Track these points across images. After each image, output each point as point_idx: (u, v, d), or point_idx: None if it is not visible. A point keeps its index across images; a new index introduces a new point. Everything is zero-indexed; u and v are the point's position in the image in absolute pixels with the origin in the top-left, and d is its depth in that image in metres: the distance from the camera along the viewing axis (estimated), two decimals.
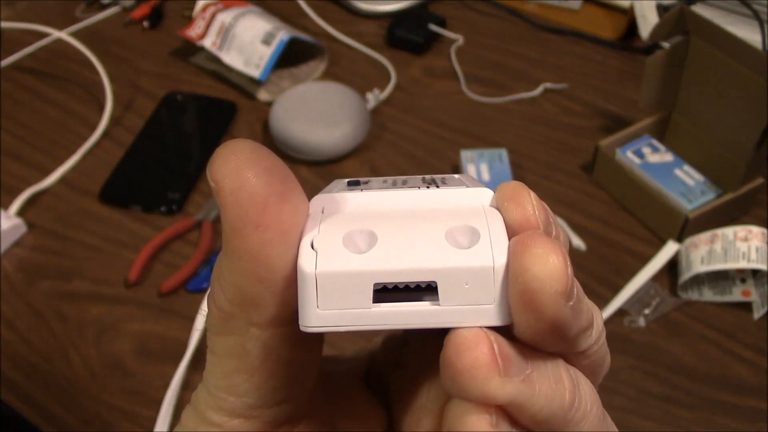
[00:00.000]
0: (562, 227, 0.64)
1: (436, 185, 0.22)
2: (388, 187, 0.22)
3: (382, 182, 0.23)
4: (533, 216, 0.20)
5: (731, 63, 0.65)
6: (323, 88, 0.80)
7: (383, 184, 0.23)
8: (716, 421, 0.57)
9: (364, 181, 0.23)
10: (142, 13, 0.95)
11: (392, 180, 0.24)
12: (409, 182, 0.23)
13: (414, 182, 0.23)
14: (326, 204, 0.22)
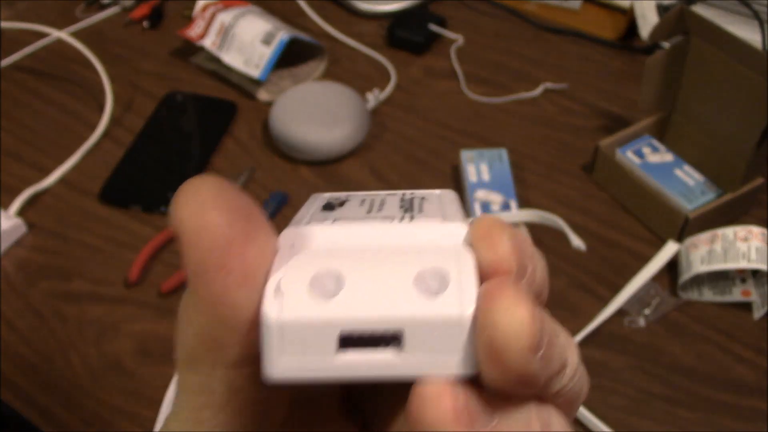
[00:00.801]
0: (562, 227, 0.64)
1: (412, 211, 0.22)
2: (363, 215, 0.22)
3: (359, 204, 0.23)
4: (506, 259, 0.19)
5: (731, 63, 0.65)
6: (323, 88, 0.80)
7: (360, 208, 0.22)
8: (716, 421, 0.57)
9: (340, 203, 0.23)
10: (142, 13, 0.95)
11: (370, 201, 0.23)
12: (387, 204, 0.22)
13: (392, 204, 0.22)
14: (296, 239, 0.21)
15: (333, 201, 0.23)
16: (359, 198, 0.23)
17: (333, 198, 0.23)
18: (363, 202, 0.23)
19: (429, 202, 0.23)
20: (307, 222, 0.21)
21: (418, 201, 0.23)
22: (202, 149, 0.79)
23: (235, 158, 0.78)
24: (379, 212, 0.22)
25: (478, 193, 0.69)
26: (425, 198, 0.23)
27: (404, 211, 0.22)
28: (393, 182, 0.75)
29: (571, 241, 0.63)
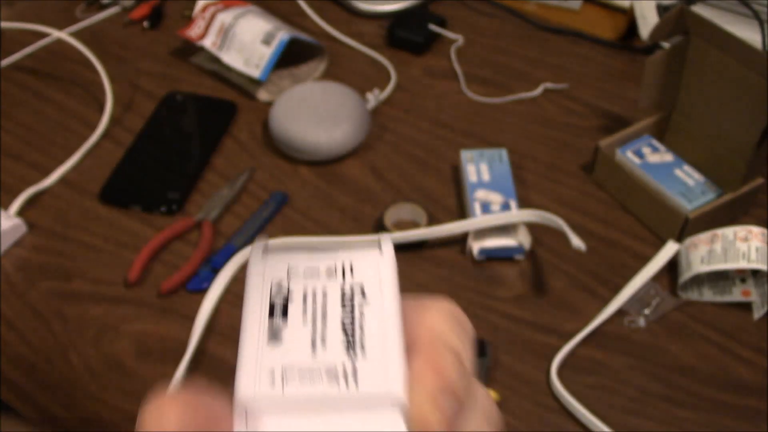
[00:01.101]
0: (562, 227, 0.64)
1: (354, 347, 0.21)
2: (309, 355, 0.21)
3: (302, 319, 0.22)
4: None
5: (731, 63, 0.65)
6: (323, 88, 0.80)
7: (303, 331, 0.22)
8: (716, 421, 0.57)
9: (283, 308, 0.22)
10: (142, 13, 0.95)
11: (312, 312, 0.22)
12: (329, 325, 0.22)
13: (334, 328, 0.22)
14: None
15: (276, 301, 0.22)
16: (301, 302, 0.23)
17: (276, 293, 0.23)
18: (305, 313, 0.22)
19: (370, 308, 0.22)
20: (257, 353, 0.21)
21: (358, 315, 0.22)
22: (202, 149, 0.79)
23: (235, 158, 0.78)
24: (323, 348, 0.21)
25: (478, 193, 0.69)
26: (366, 300, 0.22)
27: (347, 348, 0.21)
28: (393, 182, 0.75)
29: (571, 241, 0.63)
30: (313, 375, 0.20)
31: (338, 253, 0.24)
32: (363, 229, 0.71)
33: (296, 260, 0.23)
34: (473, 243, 0.68)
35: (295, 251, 0.24)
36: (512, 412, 0.58)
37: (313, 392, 0.20)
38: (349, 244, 0.24)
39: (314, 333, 0.21)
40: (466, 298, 0.65)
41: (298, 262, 0.23)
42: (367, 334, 0.21)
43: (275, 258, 0.24)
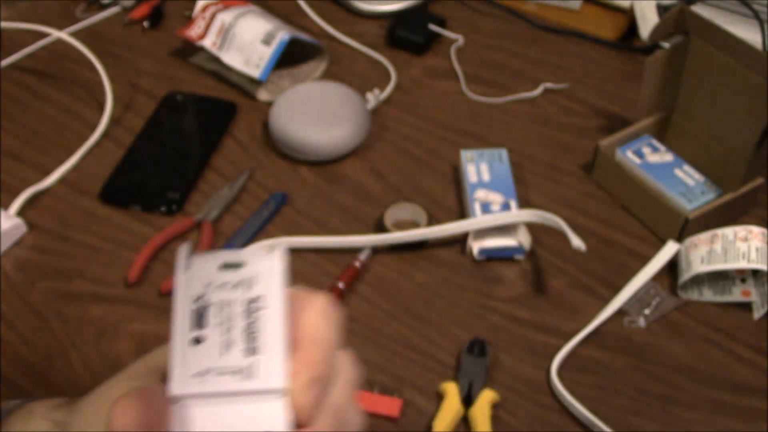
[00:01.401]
0: (562, 227, 0.64)
1: (251, 335, 0.28)
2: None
3: (215, 324, 0.28)
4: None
5: (731, 63, 0.65)
6: (323, 88, 0.80)
7: (216, 330, 0.28)
8: (716, 421, 0.57)
9: (201, 322, 0.29)
10: (142, 13, 0.95)
11: (222, 324, 0.28)
12: (234, 324, 0.29)
13: (238, 323, 0.28)
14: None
15: (197, 312, 0.29)
16: (215, 312, 0.29)
17: (197, 305, 0.29)
18: (218, 321, 0.28)
19: (264, 316, 0.28)
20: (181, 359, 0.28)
21: (255, 322, 0.28)
22: (202, 149, 0.79)
23: (235, 158, 0.78)
24: (230, 351, 0.28)
25: (478, 193, 0.69)
26: (261, 309, 0.29)
27: (246, 351, 0.28)
28: (393, 182, 0.75)
29: (571, 241, 0.63)
30: (223, 374, 0.27)
31: (246, 267, 0.30)
32: (363, 229, 0.71)
33: (213, 275, 0.29)
34: (473, 243, 0.68)
35: (212, 263, 0.30)
36: (512, 412, 0.58)
37: (223, 388, 0.27)
38: (254, 256, 0.30)
39: (224, 338, 0.28)
40: (466, 298, 0.65)
41: (215, 276, 0.29)
42: (260, 339, 0.28)
43: (197, 271, 0.30)
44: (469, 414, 0.57)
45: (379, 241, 0.68)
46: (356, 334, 0.63)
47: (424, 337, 0.63)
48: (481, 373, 0.59)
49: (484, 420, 0.56)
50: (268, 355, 0.28)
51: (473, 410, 0.56)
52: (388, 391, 0.58)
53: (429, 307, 0.65)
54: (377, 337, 0.62)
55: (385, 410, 0.57)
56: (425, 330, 0.63)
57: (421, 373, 0.60)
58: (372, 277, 0.67)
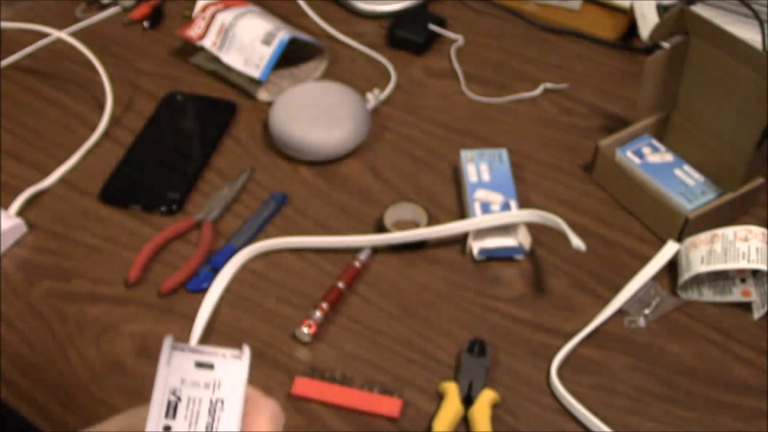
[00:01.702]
0: (563, 227, 0.64)
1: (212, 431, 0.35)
2: None
3: (184, 417, 0.35)
4: None
5: (731, 63, 0.65)
6: (323, 88, 0.80)
7: (184, 421, 0.35)
8: (716, 421, 0.57)
9: (173, 412, 0.35)
10: (142, 13, 0.95)
11: (189, 417, 0.35)
12: (200, 419, 0.35)
13: (202, 419, 0.35)
14: None
15: (171, 403, 0.35)
16: (185, 406, 0.35)
17: (172, 397, 0.35)
18: (186, 414, 0.35)
19: (225, 416, 0.35)
20: None
21: (216, 420, 0.35)
22: (202, 149, 0.79)
23: (235, 158, 0.78)
24: None
25: (478, 193, 0.69)
26: (223, 410, 0.35)
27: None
28: (393, 182, 0.75)
29: (571, 241, 0.63)
30: None
31: (216, 370, 0.36)
32: (363, 229, 0.71)
33: (189, 372, 0.36)
34: (473, 243, 0.68)
35: (190, 360, 0.36)
36: (512, 412, 0.58)
37: None
38: (225, 362, 0.37)
39: (189, 429, 0.35)
40: (466, 298, 0.65)
41: (190, 374, 0.36)
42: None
43: (177, 365, 0.36)
44: (469, 414, 0.57)
45: (379, 241, 0.68)
46: (356, 334, 0.63)
47: (424, 337, 0.63)
48: (481, 373, 0.59)
49: (484, 420, 0.56)
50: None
51: (473, 410, 0.56)
52: (388, 391, 0.58)
53: (429, 307, 0.65)
54: (377, 337, 0.62)
55: (385, 410, 0.57)
56: (425, 330, 0.63)
57: (421, 373, 0.60)
58: (372, 277, 0.67)
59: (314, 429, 0.56)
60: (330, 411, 0.58)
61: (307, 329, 0.61)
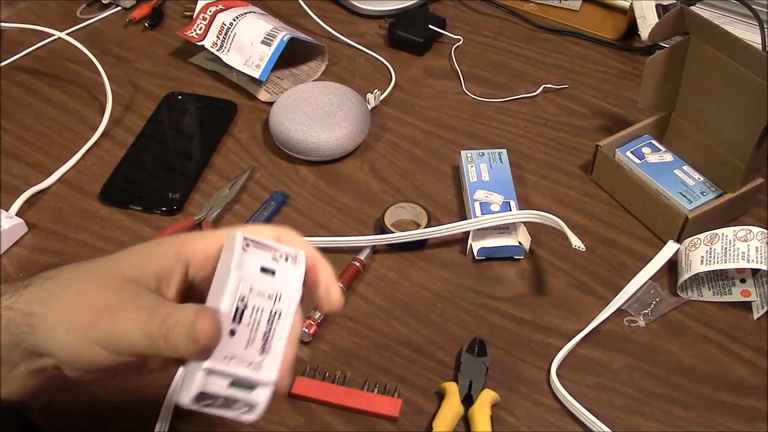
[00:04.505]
0: (562, 227, 0.64)
1: (268, 339, 0.39)
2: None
3: (248, 323, 0.38)
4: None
5: (731, 63, 0.65)
6: (323, 88, 0.80)
7: (247, 328, 0.38)
8: (716, 421, 0.57)
9: (239, 318, 0.38)
10: (143, 13, 0.95)
11: (251, 324, 0.39)
12: (260, 327, 0.39)
13: (262, 327, 0.39)
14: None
15: (239, 310, 0.38)
16: (250, 313, 0.38)
17: (240, 304, 0.38)
18: (249, 321, 0.38)
19: (280, 326, 0.39)
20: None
21: (273, 329, 0.39)
22: (202, 149, 0.79)
23: (235, 158, 0.78)
24: (252, 347, 0.38)
25: (478, 193, 0.69)
26: (280, 321, 0.39)
27: (261, 350, 0.39)
28: (393, 182, 0.75)
29: (571, 241, 0.63)
30: (242, 362, 0.38)
31: (277, 277, 0.39)
32: (363, 229, 0.71)
33: (256, 279, 0.38)
34: (473, 243, 0.68)
35: (255, 263, 0.39)
36: (512, 412, 0.58)
37: (239, 372, 0.38)
38: (284, 269, 0.40)
39: (250, 336, 0.38)
40: (466, 298, 0.65)
41: (256, 281, 0.38)
42: (272, 344, 0.38)
43: (245, 271, 0.38)
44: (469, 414, 0.57)
45: (379, 241, 0.68)
46: (356, 334, 0.63)
47: (424, 337, 0.63)
48: (481, 373, 0.58)
49: (484, 420, 0.56)
50: (271, 357, 0.38)
51: (473, 410, 0.56)
52: (388, 391, 0.58)
53: (429, 307, 0.65)
54: (377, 337, 0.62)
55: (385, 410, 0.57)
56: (425, 330, 0.63)
57: (421, 373, 0.60)
58: (372, 277, 0.67)
59: (314, 429, 0.56)
60: (330, 411, 0.58)
61: (308, 329, 0.61)
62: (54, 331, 0.37)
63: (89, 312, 0.37)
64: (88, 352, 0.37)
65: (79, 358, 0.38)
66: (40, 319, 0.38)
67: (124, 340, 0.37)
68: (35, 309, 0.38)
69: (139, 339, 0.36)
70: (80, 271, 0.39)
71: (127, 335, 0.37)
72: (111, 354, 0.37)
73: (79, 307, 0.37)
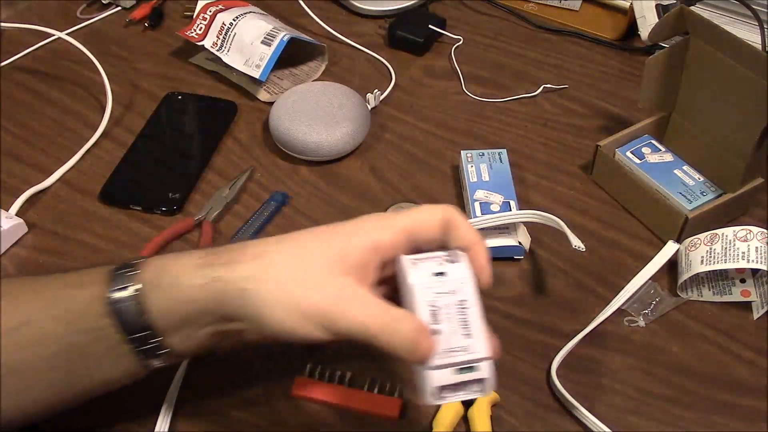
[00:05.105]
0: (562, 227, 0.64)
1: (465, 325, 0.44)
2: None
3: (445, 320, 0.44)
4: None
5: (731, 63, 0.65)
6: (323, 88, 0.80)
7: (446, 324, 0.44)
8: (716, 421, 0.57)
9: (436, 319, 0.44)
10: (143, 13, 0.95)
11: (448, 320, 0.44)
12: (455, 319, 0.45)
13: (457, 317, 0.45)
14: None
15: (434, 313, 0.44)
16: (443, 313, 0.44)
17: (432, 308, 0.44)
18: (446, 318, 0.44)
19: (469, 312, 0.45)
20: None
21: (466, 317, 0.45)
22: (202, 149, 0.79)
23: (235, 158, 0.78)
24: (456, 336, 0.44)
25: (478, 193, 0.69)
26: (467, 307, 0.45)
27: (465, 335, 0.44)
28: (393, 182, 0.75)
29: (571, 241, 0.63)
30: (457, 351, 0.43)
31: (448, 276, 0.45)
32: None
33: (432, 284, 0.44)
34: None
35: (427, 271, 0.45)
36: (512, 412, 0.58)
37: (457, 360, 0.43)
38: (452, 267, 0.46)
39: (451, 329, 0.44)
40: None
41: (434, 285, 0.44)
42: (470, 327, 0.44)
43: (422, 281, 0.44)
44: (469, 414, 0.57)
45: None
46: None
47: None
48: None
49: (484, 420, 0.56)
50: (476, 338, 0.44)
51: (473, 410, 0.56)
52: (388, 391, 0.58)
53: None
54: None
55: (385, 410, 0.57)
56: None
57: None
58: None
59: (314, 429, 0.56)
60: (330, 411, 0.58)
61: None
62: (273, 310, 0.43)
63: (311, 300, 0.43)
64: (304, 331, 0.44)
65: (294, 334, 0.44)
66: (256, 297, 0.44)
67: (346, 330, 0.43)
68: (249, 286, 0.44)
69: (359, 333, 0.43)
70: (292, 254, 0.46)
71: (349, 328, 0.43)
72: (326, 334, 0.44)
73: (300, 294, 0.44)
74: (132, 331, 0.46)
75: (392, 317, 0.43)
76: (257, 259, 0.45)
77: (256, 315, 0.44)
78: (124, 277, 0.46)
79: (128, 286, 0.46)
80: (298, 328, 0.44)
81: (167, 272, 0.46)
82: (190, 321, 0.46)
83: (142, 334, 0.46)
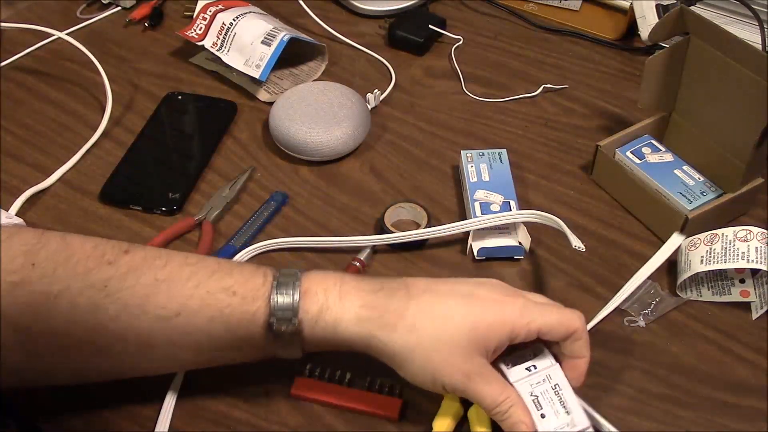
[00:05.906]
0: (562, 227, 0.64)
1: (564, 405, 0.53)
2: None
3: (546, 405, 0.53)
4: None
5: (731, 63, 0.65)
6: (323, 88, 0.80)
7: (548, 407, 0.53)
8: (716, 421, 0.57)
9: (539, 405, 0.53)
10: (143, 13, 0.95)
11: (549, 403, 0.53)
12: (554, 401, 0.53)
13: (556, 399, 0.53)
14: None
15: (535, 401, 0.53)
16: (543, 400, 0.53)
17: (533, 398, 0.53)
18: (546, 403, 0.53)
19: (563, 393, 0.54)
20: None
21: (562, 397, 0.53)
22: (202, 149, 0.79)
23: (235, 158, 0.78)
24: (558, 416, 0.52)
25: (478, 193, 0.69)
26: (561, 389, 0.54)
27: (566, 413, 0.53)
28: (393, 182, 0.75)
29: (571, 241, 0.63)
30: (563, 426, 0.51)
31: (539, 367, 0.54)
32: (363, 229, 0.71)
33: (527, 377, 0.53)
34: (473, 243, 0.68)
35: (521, 368, 0.54)
36: None
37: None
38: (538, 360, 0.55)
39: (553, 410, 0.52)
40: None
41: (528, 378, 0.53)
42: (568, 405, 0.52)
43: (518, 377, 0.53)
44: (469, 414, 0.56)
45: (379, 241, 0.68)
46: None
47: None
48: None
49: (484, 420, 0.56)
50: (575, 413, 0.52)
51: (473, 410, 0.56)
52: (388, 391, 0.58)
53: None
54: None
55: (385, 410, 0.57)
56: None
57: None
58: None
59: (314, 429, 0.56)
60: (330, 411, 0.58)
61: None
62: (414, 372, 0.52)
63: (446, 372, 0.51)
64: (429, 387, 0.52)
65: (421, 385, 0.53)
66: (402, 360, 0.52)
67: (469, 396, 0.52)
68: (400, 354, 0.51)
69: (479, 402, 0.52)
70: (441, 328, 0.51)
71: (472, 398, 0.52)
72: (444, 392, 0.53)
73: (440, 368, 0.51)
74: (284, 347, 0.52)
75: (508, 400, 0.51)
76: (411, 333, 0.51)
77: (396, 368, 0.52)
78: (285, 307, 0.51)
79: (291, 318, 0.51)
80: (426, 384, 0.52)
81: (329, 311, 0.51)
82: (335, 348, 0.53)
83: (290, 350, 0.53)
